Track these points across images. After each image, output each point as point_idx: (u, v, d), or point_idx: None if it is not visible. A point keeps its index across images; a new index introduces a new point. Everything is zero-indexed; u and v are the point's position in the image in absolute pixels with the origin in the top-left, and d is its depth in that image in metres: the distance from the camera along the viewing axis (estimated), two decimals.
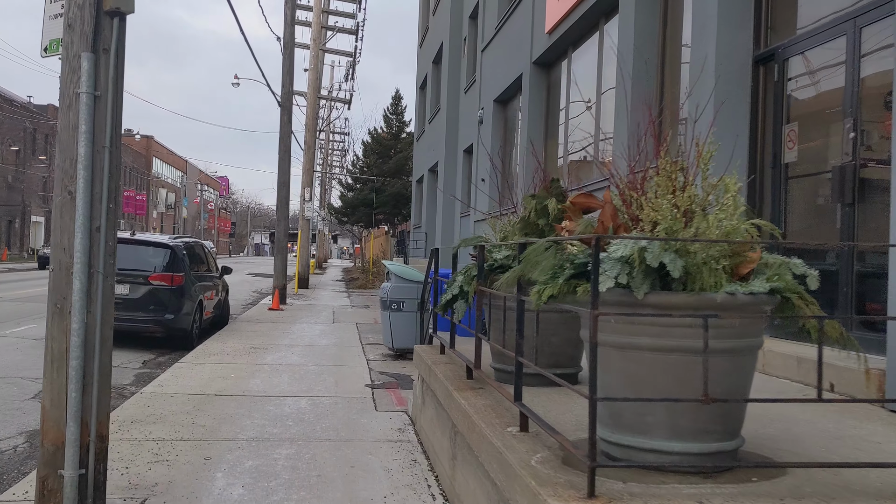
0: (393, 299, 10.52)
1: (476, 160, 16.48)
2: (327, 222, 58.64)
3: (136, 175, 78.86)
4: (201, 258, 13.76)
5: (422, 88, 29.40)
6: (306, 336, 13.05)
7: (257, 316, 16.46)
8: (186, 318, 11.96)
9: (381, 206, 36.03)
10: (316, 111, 28.95)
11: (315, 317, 16.69)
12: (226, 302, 15.20)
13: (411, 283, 10.58)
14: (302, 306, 19.47)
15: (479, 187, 16.14)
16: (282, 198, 19.75)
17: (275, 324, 14.86)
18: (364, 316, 17.43)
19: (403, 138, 39.48)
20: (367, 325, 15.18)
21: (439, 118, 23.34)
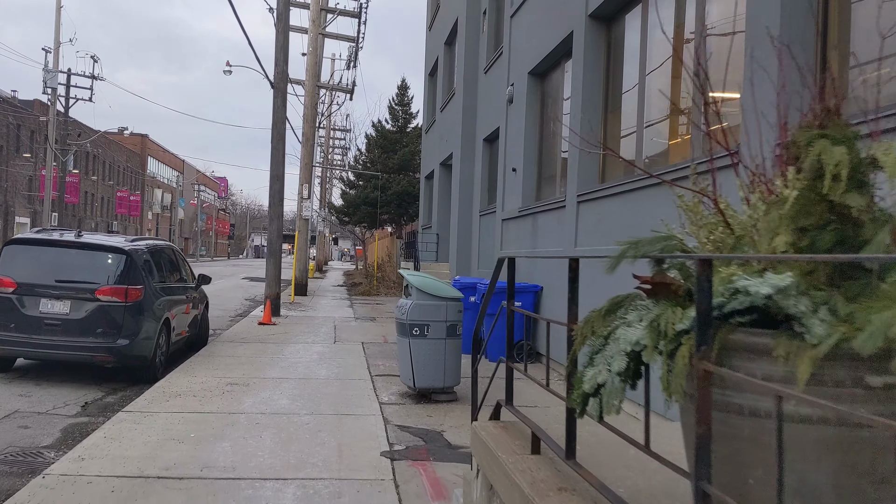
0: (414, 322, 7.88)
1: (504, 148, 13.89)
2: (327, 223, 56.00)
3: (130, 175, 76.23)
4: (171, 266, 11.13)
5: (431, 75, 26.78)
6: (301, 363, 10.41)
7: (244, 333, 13.82)
8: (146, 344, 9.33)
9: (386, 204, 33.35)
10: (315, 100, 26.33)
11: (313, 334, 14.05)
12: (204, 318, 12.56)
13: (438, 300, 7.95)
14: (298, 319, 16.82)
15: (509, 179, 13.51)
16: (275, 193, 17.12)
17: (264, 344, 12.22)
18: (370, 332, 14.79)
19: (410, 131, 36.76)
20: (375, 346, 12.53)
21: (454, 105, 20.72)
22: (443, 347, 7.93)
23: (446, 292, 8.01)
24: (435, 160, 24.01)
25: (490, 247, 16.48)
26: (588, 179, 9.68)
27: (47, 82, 40.08)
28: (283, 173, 17.23)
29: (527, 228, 12.22)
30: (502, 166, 14.04)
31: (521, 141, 12.76)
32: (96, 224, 67.28)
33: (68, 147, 43.21)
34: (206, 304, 12.87)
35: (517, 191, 12.90)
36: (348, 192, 39.05)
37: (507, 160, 13.71)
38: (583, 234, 9.47)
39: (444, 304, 7.95)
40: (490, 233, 16.62)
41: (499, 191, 14.29)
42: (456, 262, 19.13)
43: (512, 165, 13.26)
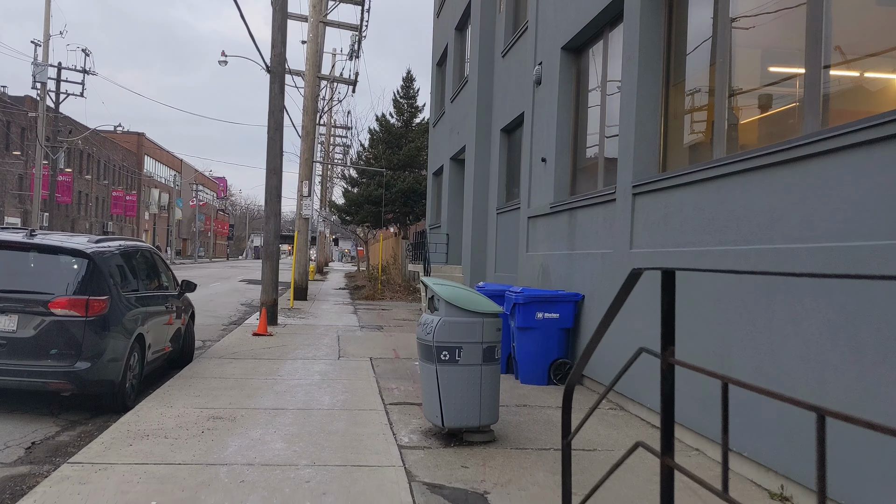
0: (443, 344, 6.24)
1: (530, 136, 12.26)
2: (328, 223, 54.36)
3: (126, 174, 74.58)
4: (147, 270, 9.49)
5: (439, 65, 25.13)
6: (300, 387, 8.76)
7: (236, 346, 12.17)
8: (113, 367, 7.69)
9: (390, 203, 31.62)
10: (316, 91, 24.70)
11: (314, 347, 12.40)
12: (189, 331, 10.92)
13: (473, 316, 6.31)
14: (297, 328, 15.17)
15: (537, 171, 11.87)
16: (271, 189, 15.48)
17: (257, 361, 10.58)
18: (379, 344, 13.14)
19: (416, 126, 34.97)
20: (385, 362, 10.89)
21: (466, 94, 19.08)
22: (478, 376, 6.29)
23: (483, 306, 6.36)
24: (444, 155, 22.38)
25: (511, 247, 14.84)
26: (645, 167, 8.04)
27: (36, 76, 38.46)
28: (280, 167, 15.59)
29: (561, 227, 10.57)
30: (528, 157, 12.39)
31: (553, 127, 11.12)
32: (90, 224, 65.66)
33: (59, 144, 41.55)
34: (191, 314, 11.23)
35: (548, 184, 11.26)
36: (350, 191, 37.30)
37: (535, 150, 12.07)
38: (642, 232, 7.83)
39: (481, 321, 6.31)
40: (510, 232, 14.98)
41: (523, 185, 12.64)
42: (470, 264, 17.50)
43: (541, 155, 11.62)
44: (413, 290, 26.31)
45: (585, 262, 9.42)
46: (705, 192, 6.55)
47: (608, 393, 8.48)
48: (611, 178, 9.37)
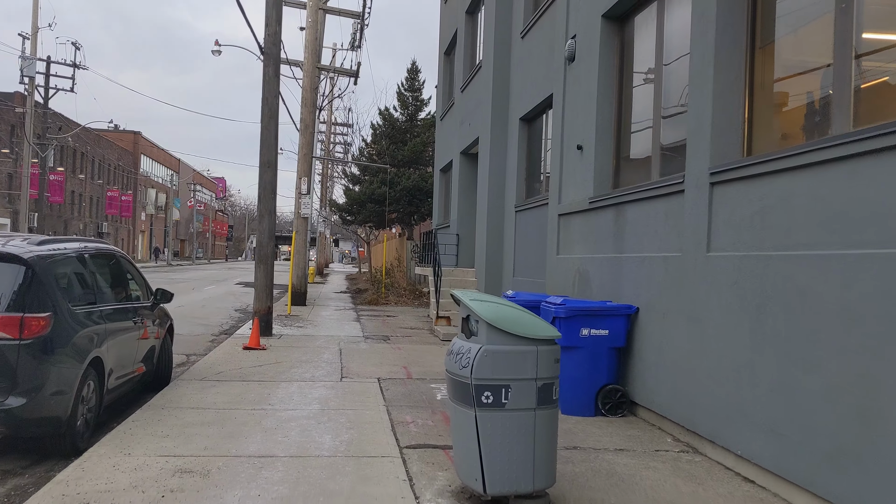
0: (485, 382, 4.63)
1: (561, 121, 10.65)
2: (328, 223, 52.75)
3: (122, 173, 72.96)
4: (111, 279, 7.89)
5: (447, 54, 23.52)
6: (294, 421, 7.14)
7: (223, 363, 10.56)
8: (58, 401, 6.09)
9: (394, 201, 29.93)
10: (315, 82, 23.09)
11: (312, 364, 10.78)
12: (166, 347, 9.30)
13: (525, 344, 4.72)
14: (294, 340, 13.54)
15: (570, 162, 10.26)
16: (266, 184, 13.87)
17: (245, 384, 8.96)
18: (386, 359, 11.53)
19: (421, 120, 33.23)
20: (395, 384, 9.27)
21: (479, 82, 17.47)
22: (531, 424, 4.67)
23: (538, 330, 4.75)
24: (453, 149, 20.76)
25: (534, 249, 13.23)
26: (726, 150, 6.43)
27: (24, 70, 36.88)
28: (275, 160, 13.97)
29: (604, 225, 8.95)
30: (558, 145, 10.77)
31: (591, 109, 9.51)
32: (84, 225, 64.06)
33: (48, 141, 39.94)
34: (169, 328, 9.62)
35: (585, 176, 9.64)
36: (352, 189, 35.59)
37: (568, 136, 10.46)
38: (725, 231, 6.21)
39: (534, 350, 4.70)
40: (533, 232, 13.37)
41: (552, 178, 11.03)
42: (485, 267, 15.88)
43: (576, 142, 10.00)
44: (419, 295, 24.69)
45: (640, 267, 7.81)
46: (829, 177, 4.93)
47: (682, 431, 6.83)
48: (670, 166, 7.76)
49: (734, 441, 5.93)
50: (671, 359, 7.02)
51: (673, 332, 6.99)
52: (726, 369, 6.07)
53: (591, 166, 9.44)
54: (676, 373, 6.88)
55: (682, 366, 6.78)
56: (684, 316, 6.79)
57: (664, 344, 7.17)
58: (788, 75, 6.20)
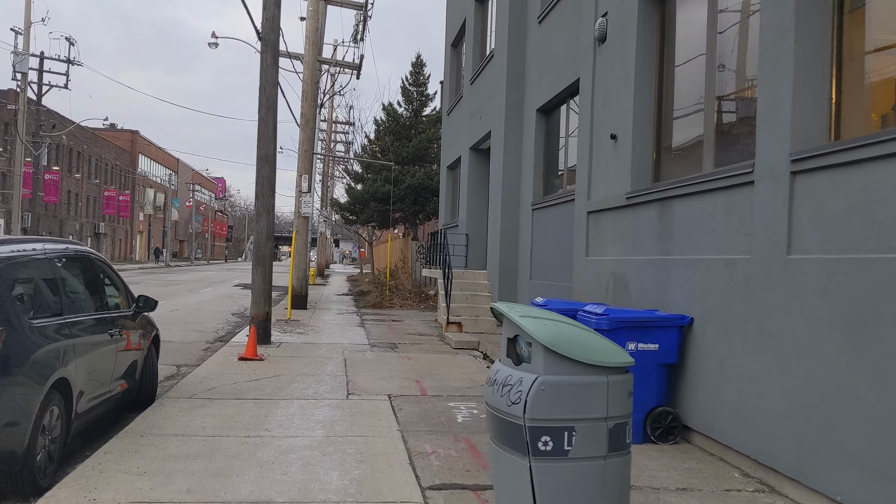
0: (543, 424, 3.60)
1: (590, 108, 9.63)
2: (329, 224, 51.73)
3: (119, 173, 71.91)
4: (83, 286, 6.86)
5: (455, 46, 22.50)
6: (295, 452, 6.11)
7: (215, 377, 9.53)
8: (12, 434, 5.07)
9: (399, 200, 28.83)
10: (316, 76, 22.06)
11: (314, 377, 9.75)
12: (150, 362, 8.24)
13: (593, 372, 3.68)
14: (294, 349, 12.51)
15: (602, 153, 9.23)
16: (263, 180, 12.84)
17: (239, 403, 7.93)
18: (396, 370, 10.49)
19: (426, 116, 32.14)
20: (409, 403, 8.23)
21: (491, 72, 16.45)
22: (600, 475, 3.64)
23: (607, 354, 3.73)
24: (462, 145, 19.73)
25: (554, 250, 12.21)
26: (808, 133, 5.40)
27: (16, 66, 35.82)
28: (273, 154, 12.94)
29: (645, 223, 7.92)
30: (587, 136, 9.74)
31: (628, 93, 8.48)
32: (80, 226, 63.04)
33: (42, 139, 38.91)
34: (154, 339, 8.58)
35: (621, 168, 8.61)
36: (354, 187, 34.49)
37: (598, 125, 9.43)
38: (811, 229, 5.19)
39: (605, 381, 3.67)
40: (553, 231, 12.35)
41: (580, 172, 10.00)
42: (499, 269, 14.84)
43: (608, 131, 8.97)
44: (425, 298, 23.65)
45: (693, 271, 6.77)
46: None
47: (753, 465, 5.62)
48: (728, 154, 6.74)
49: (825, 481, 4.90)
50: (737, 378, 5.98)
51: (739, 347, 5.96)
52: (813, 393, 5.04)
53: (628, 158, 8.41)
54: (744, 395, 5.85)
55: (752, 387, 5.75)
56: (754, 328, 5.75)
57: (728, 361, 6.13)
58: (884, 46, 5.17)
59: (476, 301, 15.35)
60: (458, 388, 9.20)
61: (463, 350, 13.08)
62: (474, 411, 7.85)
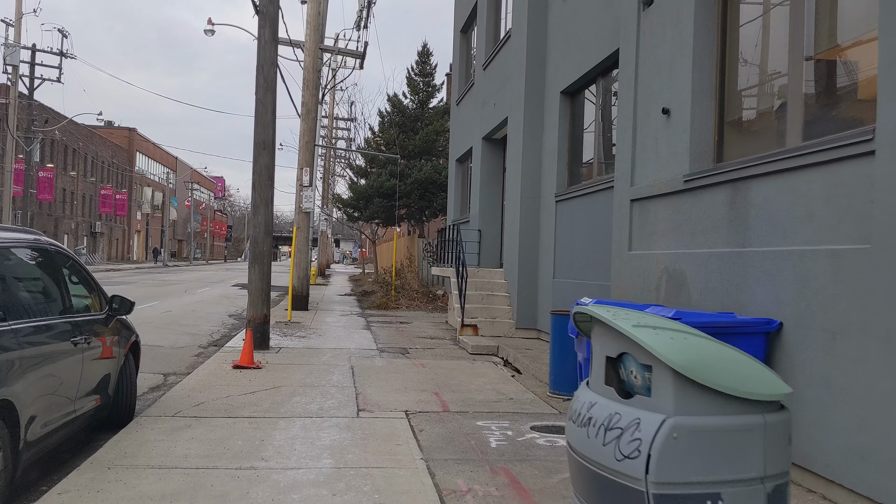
0: (679, 489, 2.36)
1: (634, 82, 8.42)
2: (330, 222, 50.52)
3: (116, 171, 70.69)
4: (39, 284, 5.66)
5: (464, 31, 21.29)
6: (297, 491, 4.90)
7: (205, 389, 8.32)
8: None
9: (404, 195, 27.53)
10: (318, 64, 20.84)
11: (318, 388, 8.54)
12: (127, 373, 7.01)
13: (744, 410, 2.43)
14: (295, 355, 11.30)
15: (648, 132, 8.02)
16: (261, 169, 11.64)
17: (230, 423, 6.72)
18: (410, 381, 9.28)
19: (433, 108, 30.85)
20: (430, 422, 7.01)
21: (508, 54, 15.26)
22: None
23: (766, 382, 2.50)
24: (473, 135, 18.53)
25: (584, 245, 11.02)
26: None
27: (7, 59, 34.60)
28: (272, 140, 11.74)
29: (710, 209, 6.72)
30: (629, 114, 8.53)
31: (684, 61, 7.28)
32: (76, 224, 61.81)
33: (34, 135, 37.69)
34: (132, 346, 7.34)
35: (675, 147, 7.40)
36: (357, 182, 33.21)
37: (644, 101, 8.22)
38: None
39: (760, 421, 2.45)
40: (582, 224, 11.16)
41: (620, 155, 8.80)
42: (517, 267, 13.63)
43: (660, 106, 7.76)
44: (433, 298, 22.45)
45: (781, 266, 5.56)
46: None
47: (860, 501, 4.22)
48: (823, 124, 5.54)
49: None
50: (851, 399, 4.78)
51: (854, 360, 4.75)
52: None
53: (686, 135, 7.20)
54: (863, 421, 4.65)
55: (876, 411, 4.55)
56: (877, 337, 4.55)
57: (837, 377, 4.92)
58: None
59: (492, 302, 14.14)
60: (485, 403, 8.00)
61: (481, 356, 11.88)
62: (508, 433, 6.64)
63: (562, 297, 12.02)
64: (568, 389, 8.30)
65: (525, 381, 9.49)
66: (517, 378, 9.80)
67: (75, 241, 60.63)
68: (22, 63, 35.76)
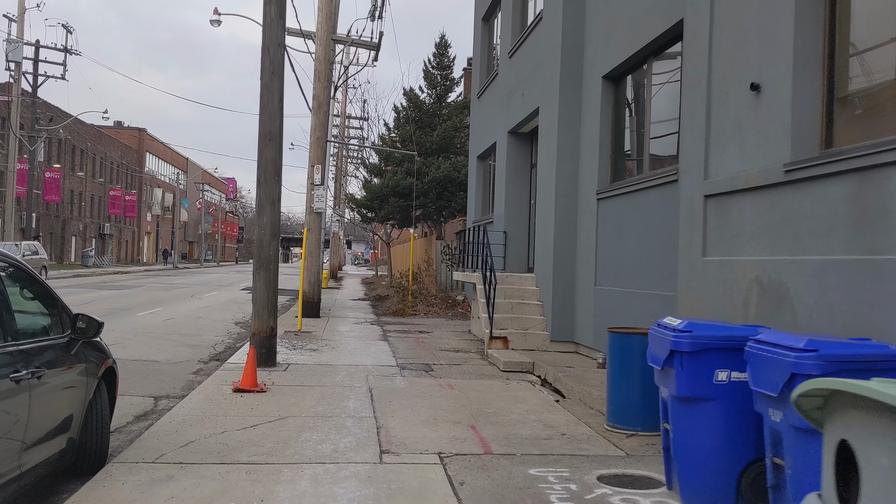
0: None
1: (707, 55, 7.06)
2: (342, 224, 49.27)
3: (125, 172, 69.73)
4: None
5: (486, 19, 19.95)
6: None
7: (198, 421, 7.01)
8: None
9: (422, 195, 26.18)
10: (330, 54, 19.56)
11: (332, 421, 7.21)
12: (94, 409, 5.67)
13: None
14: (305, 374, 9.98)
15: (729, 112, 6.65)
16: (266, 163, 10.34)
17: (226, 473, 5.39)
18: (439, 408, 7.93)
19: (451, 102, 29.47)
20: (470, 471, 5.65)
21: (538, 38, 13.91)
22: None
23: None
24: (497, 129, 17.18)
25: (635, 249, 9.66)
26: None
27: (9, 55, 33.53)
28: (278, 131, 10.44)
29: (825, 207, 5.35)
30: (703, 92, 7.14)
31: (782, 25, 5.92)
32: (84, 226, 60.82)
33: (38, 133, 36.60)
34: (105, 374, 6.00)
35: (769, 131, 6.03)
36: (372, 182, 31.86)
37: (723, 77, 6.85)
38: None
39: None
40: (631, 224, 9.80)
41: (688, 143, 7.43)
42: (552, 273, 12.27)
43: (747, 81, 6.39)
44: (453, 304, 21.10)
45: None
46: None
47: None
48: None
49: None
50: None
51: None
52: None
53: (785, 115, 5.84)
54: None
55: None
56: None
57: None
58: None
59: (523, 311, 12.78)
60: (533, 440, 6.64)
61: (514, 373, 10.54)
62: (572, 487, 5.28)
63: (605, 307, 10.66)
64: (630, 422, 6.94)
65: (572, 408, 8.13)
66: (562, 404, 8.44)
67: (84, 242, 59.67)
68: (25, 60, 34.70)
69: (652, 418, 6.85)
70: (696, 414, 4.85)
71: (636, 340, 6.98)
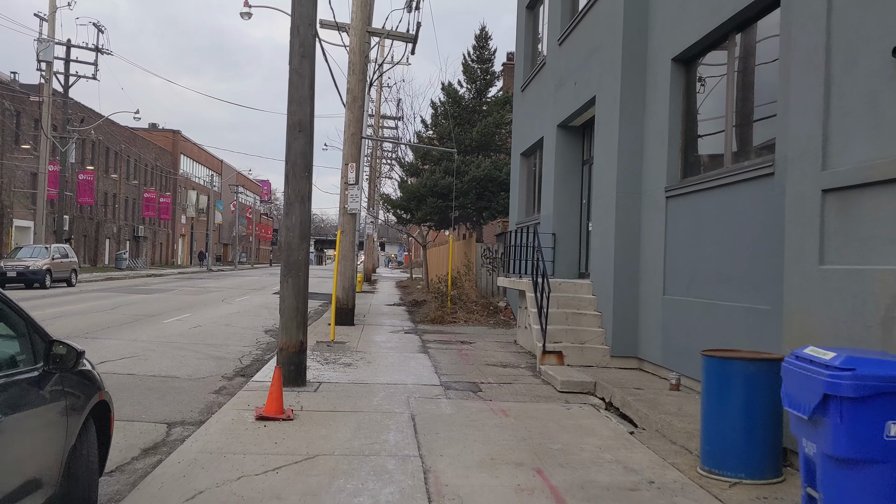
0: None
1: (827, 21, 5.81)
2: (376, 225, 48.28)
3: (160, 174, 69.55)
4: None
5: (531, 7, 18.71)
6: None
7: (211, 463, 5.90)
8: None
9: (461, 195, 24.98)
10: (365, 46, 18.47)
11: (370, 463, 6.05)
12: (77, 456, 4.56)
13: None
14: (338, 395, 8.84)
15: (854, 87, 5.37)
16: (295, 155, 9.25)
17: None
18: (495, 445, 6.74)
19: (492, 98, 28.22)
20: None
21: (593, 21, 12.68)
22: None
23: None
24: (545, 123, 15.93)
25: (716, 252, 8.40)
26: None
27: (40, 55, 33.03)
28: (309, 119, 9.33)
29: None
30: (820, 64, 5.86)
31: None
32: (118, 228, 60.63)
33: (69, 134, 36.11)
34: (95, 409, 4.90)
35: None
36: (408, 182, 30.72)
37: (845, 45, 5.59)
38: None
39: None
40: (710, 225, 8.53)
41: (795, 127, 6.15)
42: (613, 279, 11.01)
43: (879, 47, 5.13)
44: (494, 311, 19.88)
45: None
46: None
47: None
48: None
49: None
50: None
51: None
52: None
53: None
54: None
55: None
56: None
57: None
58: None
59: (579, 322, 11.54)
60: (616, 490, 5.42)
61: (573, 394, 9.31)
62: None
63: (677, 319, 9.39)
64: (732, 467, 5.67)
65: (652, 443, 6.89)
66: (638, 437, 7.19)
67: (118, 245, 59.47)
68: (56, 59, 34.19)
69: (759, 462, 5.63)
70: (860, 481, 3.61)
71: (739, 367, 5.74)
